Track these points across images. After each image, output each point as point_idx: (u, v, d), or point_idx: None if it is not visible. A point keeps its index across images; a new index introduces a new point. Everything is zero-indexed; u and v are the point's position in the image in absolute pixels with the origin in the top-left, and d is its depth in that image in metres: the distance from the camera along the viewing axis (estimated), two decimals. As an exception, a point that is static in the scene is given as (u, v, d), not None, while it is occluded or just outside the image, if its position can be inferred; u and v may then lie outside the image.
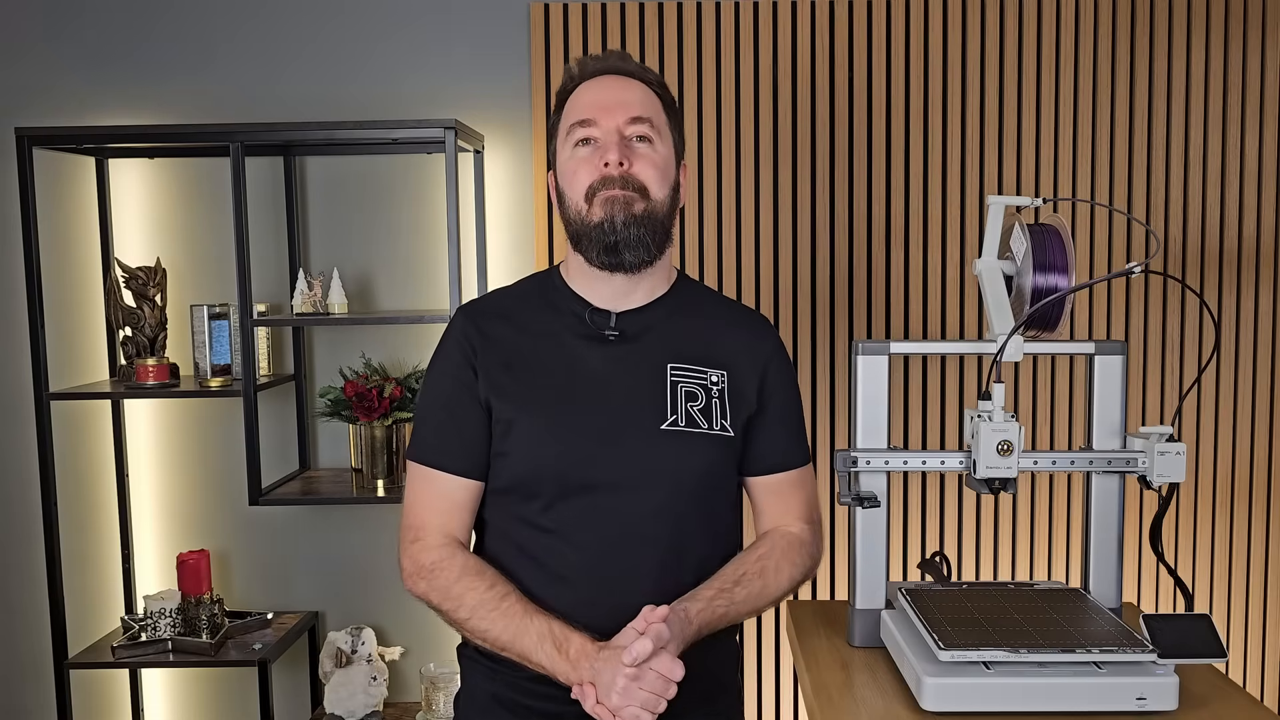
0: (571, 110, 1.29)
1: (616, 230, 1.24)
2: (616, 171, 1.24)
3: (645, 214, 1.25)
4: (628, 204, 1.24)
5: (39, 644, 2.55)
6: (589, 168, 1.26)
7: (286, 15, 2.49)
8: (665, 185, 1.28)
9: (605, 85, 1.28)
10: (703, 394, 1.30)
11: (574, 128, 1.27)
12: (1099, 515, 1.40)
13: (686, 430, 1.27)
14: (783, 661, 2.54)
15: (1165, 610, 2.49)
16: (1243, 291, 2.49)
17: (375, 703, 2.41)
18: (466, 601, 1.24)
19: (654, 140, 1.27)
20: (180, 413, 2.57)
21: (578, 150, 1.27)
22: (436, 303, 2.52)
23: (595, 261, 1.28)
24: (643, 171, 1.26)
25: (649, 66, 1.35)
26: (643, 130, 1.26)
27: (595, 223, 1.25)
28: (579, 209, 1.27)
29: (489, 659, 1.31)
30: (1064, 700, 1.17)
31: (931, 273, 2.49)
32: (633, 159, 1.25)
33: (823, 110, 2.46)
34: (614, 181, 1.24)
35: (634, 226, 1.25)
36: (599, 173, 1.25)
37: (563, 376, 1.29)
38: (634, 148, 1.26)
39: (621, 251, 1.25)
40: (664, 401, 1.28)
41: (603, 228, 1.25)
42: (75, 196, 2.51)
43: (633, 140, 1.26)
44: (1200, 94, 2.46)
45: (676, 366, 1.30)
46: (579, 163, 1.27)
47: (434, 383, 1.34)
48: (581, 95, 1.29)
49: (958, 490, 2.53)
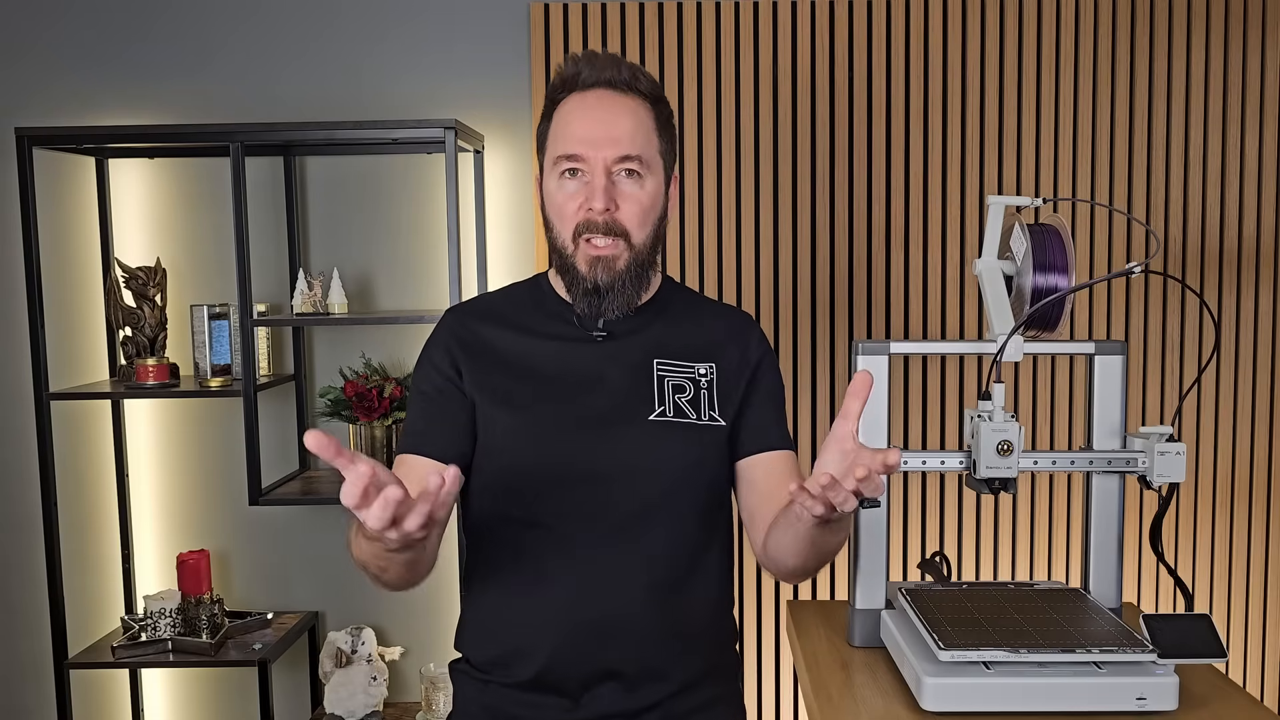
0: (559, 135, 1.27)
1: (600, 289, 1.26)
2: (601, 218, 1.24)
3: (628, 265, 1.26)
4: (612, 263, 1.25)
5: (39, 644, 2.55)
6: (575, 204, 1.25)
7: (286, 15, 2.49)
8: (649, 224, 1.28)
9: (596, 110, 1.25)
10: (691, 386, 1.30)
11: (560, 159, 1.26)
12: (1099, 515, 1.40)
13: (675, 420, 1.28)
14: (783, 661, 2.54)
15: (1165, 610, 2.49)
16: (1243, 291, 2.49)
17: (375, 703, 2.41)
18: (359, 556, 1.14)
19: (643, 176, 1.26)
20: (180, 413, 2.57)
21: (565, 182, 1.26)
22: (436, 303, 2.52)
23: (577, 301, 1.29)
24: (628, 216, 1.25)
25: (643, 70, 1.31)
26: (631, 165, 1.25)
27: (580, 273, 1.26)
28: (565, 246, 1.27)
29: (480, 671, 1.31)
30: (1064, 700, 1.17)
31: (931, 273, 2.49)
32: (619, 200, 1.25)
33: (823, 110, 2.46)
34: (598, 226, 1.24)
35: (618, 282, 1.26)
36: (584, 215, 1.25)
37: (550, 374, 1.29)
38: (620, 187, 1.25)
39: (603, 302, 1.27)
40: (651, 395, 1.29)
41: (587, 282, 1.26)
42: (75, 196, 2.51)
43: (620, 175, 1.25)
44: (1200, 94, 2.46)
45: (663, 362, 1.31)
46: (566, 197, 1.26)
47: (419, 380, 1.34)
48: (571, 119, 1.26)
49: (958, 490, 2.53)
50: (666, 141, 1.30)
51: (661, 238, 1.32)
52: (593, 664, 1.24)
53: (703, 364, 1.32)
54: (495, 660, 1.29)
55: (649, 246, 1.29)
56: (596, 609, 1.24)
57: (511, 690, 1.27)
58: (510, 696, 1.28)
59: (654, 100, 1.29)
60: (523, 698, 1.27)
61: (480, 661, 1.31)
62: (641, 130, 1.26)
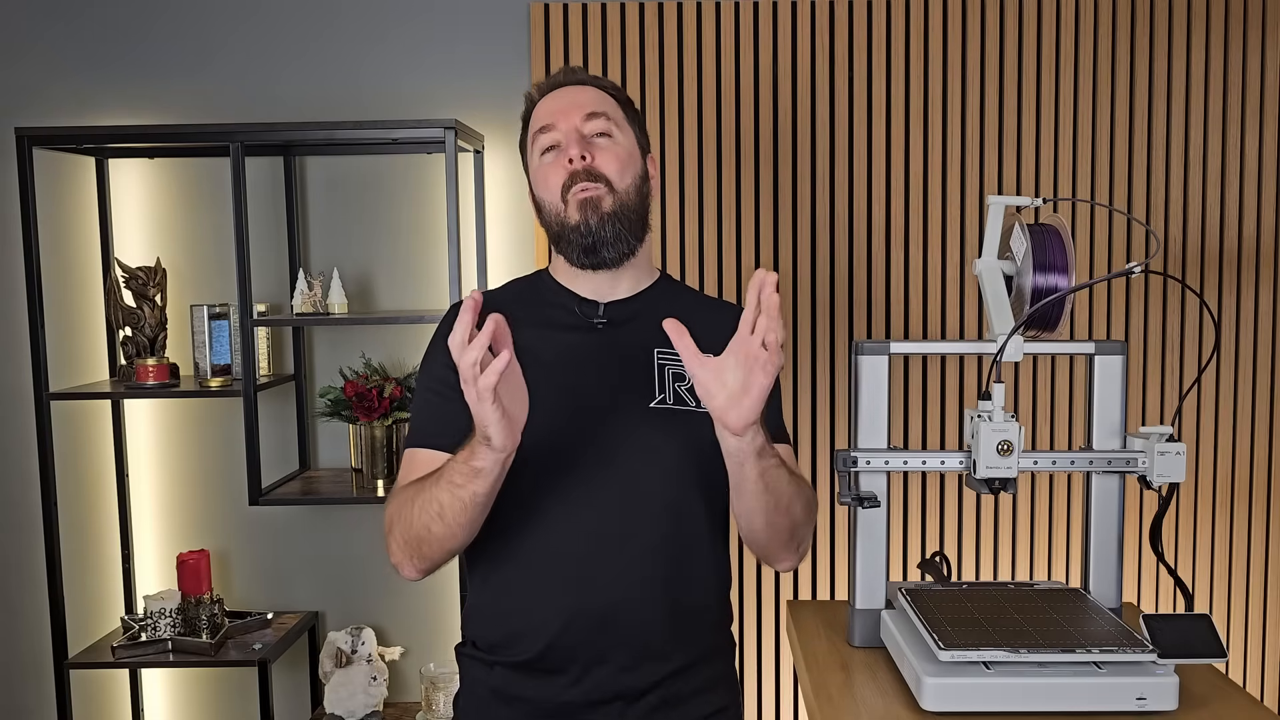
0: (533, 123, 1.38)
1: (593, 231, 1.30)
2: (580, 165, 1.31)
3: (616, 208, 1.31)
4: (598, 203, 1.30)
5: (39, 644, 2.55)
6: (557, 169, 1.33)
7: (286, 15, 2.49)
8: (629, 174, 1.34)
9: (559, 94, 1.36)
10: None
11: (537, 135, 1.35)
12: (1099, 515, 1.40)
13: (675, 408, 1.30)
14: (783, 661, 2.54)
15: (1165, 610, 2.49)
16: (1243, 291, 2.49)
17: (375, 703, 2.41)
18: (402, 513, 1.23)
19: (613, 134, 1.34)
20: (180, 413, 2.57)
21: (544, 158, 1.34)
22: (436, 303, 2.52)
23: (577, 262, 1.34)
24: (605, 164, 1.32)
25: (606, 76, 1.44)
26: (600, 126, 1.33)
27: (573, 225, 1.31)
28: (557, 210, 1.33)
29: (486, 652, 1.32)
30: (1064, 700, 1.17)
31: (931, 273, 2.49)
32: (594, 153, 1.32)
33: (823, 110, 2.46)
34: (580, 175, 1.30)
35: (608, 224, 1.30)
36: (565, 171, 1.31)
37: (552, 361, 1.31)
38: (594, 142, 1.33)
39: (600, 250, 1.31)
40: (652, 382, 1.31)
41: (579, 230, 1.31)
42: (75, 196, 2.51)
43: (592, 137, 1.33)
44: (1200, 94, 2.46)
45: (663, 351, 1.33)
46: (547, 169, 1.34)
47: (426, 375, 1.36)
48: (540, 108, 1.38)
49: (958, 490, 2.53)
50: (634, 124, 1.39)
51: (646, 197, 1.37)
52: (593, 646, 1.26)
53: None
54: (499, 642, 1.31)
55: (633, 198, 1.33)
56: (597, 594, 1.25)
57: (516, 670, 1.29)
58: (514, 677, 1.30)
59: (615, 92, 1.40)
60: (527, 678, 1.29)
61: (485, 643, 1.33)
62: (606, 103, 1.36)
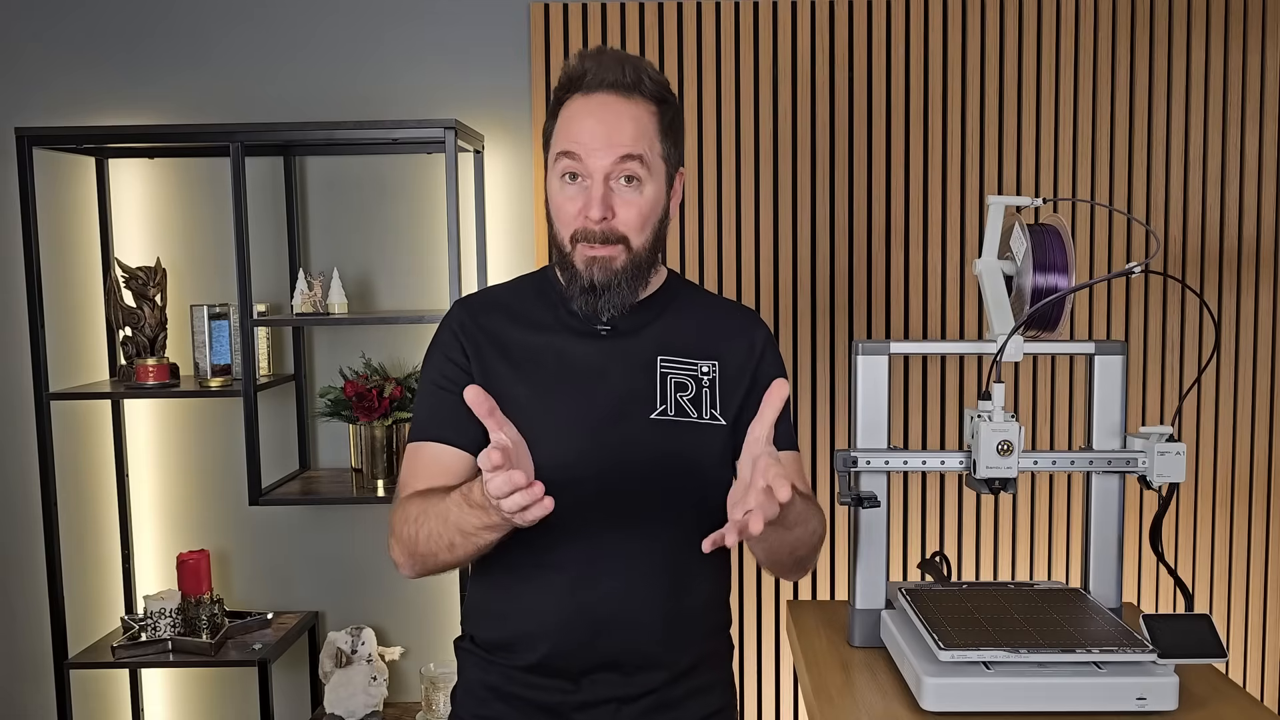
0: (561, 133, 1.27)
1: (596, 286, 1.26)
2: (598, 226, 1.24)
3: (626, 266, 1.26)
4: (608, 263, 1.25)
5: (39, 644, 2.55)
6: (574, 209, 1.26)
7: (286, 15, 2.49)
8: (649, 227, 1.28)
9: (599, 112, 1.24)
10: (693, 384, 1.31)
11: (560, 157, 1.25)
12: (1099, 515, 1.40)
13: (676, 419, 1.29)
14: (783, 661, 2.54)
15: (1165, 610, 2.49)
16: (1243, 291, 2.49)
17: (375, 703, 2.41)
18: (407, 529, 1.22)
19: (642, 180, 1.25)
20: (180, 413, 2.57)
21: (565, 185, 1.26)
22: (436, 303, 2.51)
23: (574, 296, 1.29)
24: (626, 222, 1.25)
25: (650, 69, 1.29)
26: (631, 169, 1.24)
27: (577, 269, 1.27)
28: (563, 245, 1.28)
29: (484, 650, 1.32)
30: (1064, 700, 1.17)
31: (931, 273, 2.49)
32: (616, 207, 1.25)
33: (823, 110, 2.46)
34: (595, 236, 1.24)
35: (613, 282, 1.26)
36: (581, 222, 1.25)
37: (554, 367, 1.30)
38: (618, 193, 1.24)
39: (599, 299, 1.27)
40: (654, 392, 1.29)
41: (581, 279, 1.26)
42: (75, 196, 2.51)
43: (619, 181, 1.24)
44: (1200, 94, 2.46)
45: (666, 359, 1.31)
46: (566, 199, 1.26)
47: (430, 370, 1.35)
48: (573, 121, 1.26)
49: (958, 490, 2.53)
50: (670, 144, 1.30)
51: (662, 238, 1.32)
52: (592, 653, 1.26)
53: (705, 361, 1.32)
54: (498, 644, 1.31)
55: (648, 248, 1.29)
56: (595, 604, 1.25)
57: (515, 671, 1.30)
58: (513, 677, 1.30)
59: (659, 102, 1.28)
60: (526, 679, 1.29)
61: (484, 643, 1.33)
62: (644, 135, 1.25)
